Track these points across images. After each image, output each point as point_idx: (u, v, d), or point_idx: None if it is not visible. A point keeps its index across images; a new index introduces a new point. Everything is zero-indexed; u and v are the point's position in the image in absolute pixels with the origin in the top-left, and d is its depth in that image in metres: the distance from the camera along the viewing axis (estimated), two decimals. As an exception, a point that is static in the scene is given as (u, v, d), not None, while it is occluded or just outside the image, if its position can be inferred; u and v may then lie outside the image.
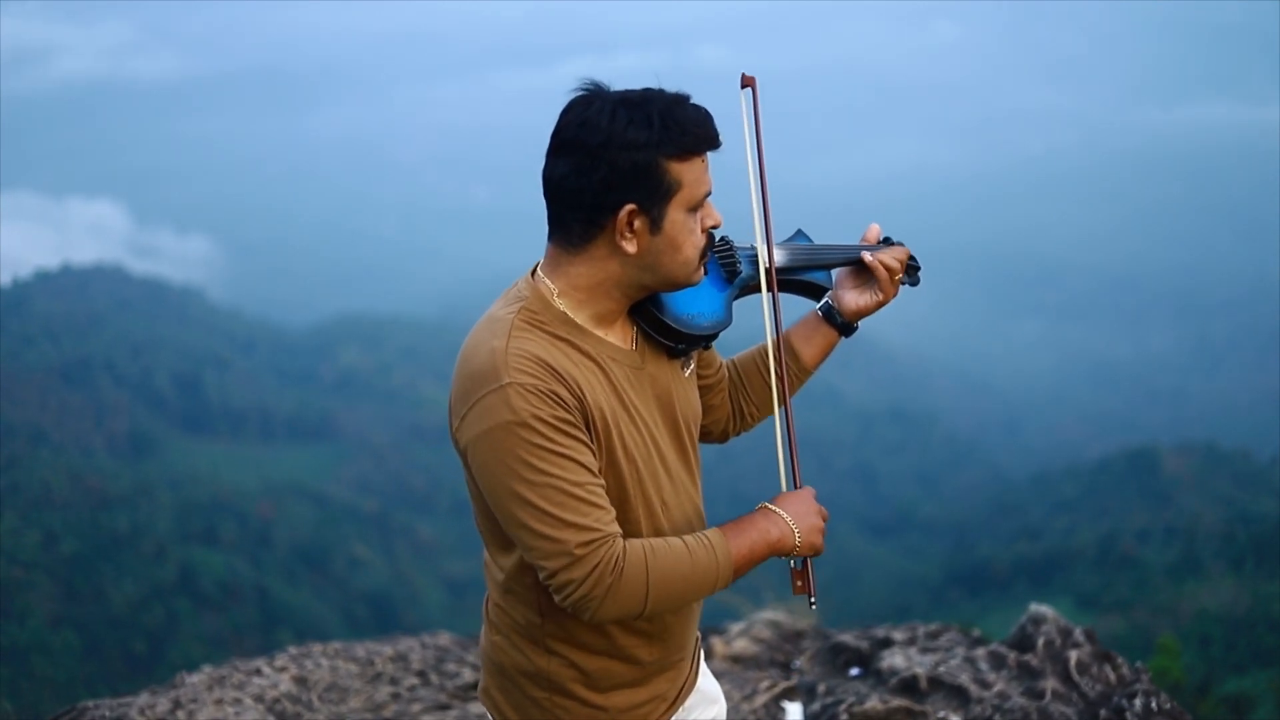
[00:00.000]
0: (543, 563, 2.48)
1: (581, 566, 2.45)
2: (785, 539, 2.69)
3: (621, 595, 2.48)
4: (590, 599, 2.46)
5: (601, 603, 2.47)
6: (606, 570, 2.45)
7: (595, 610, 2.48)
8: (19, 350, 71.54)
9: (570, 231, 2.60)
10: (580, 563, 2.44)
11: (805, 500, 2.77)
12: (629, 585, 2.48)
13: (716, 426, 3.16)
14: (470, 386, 2.53)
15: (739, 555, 2.63)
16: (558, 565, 2.46)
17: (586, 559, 2.45)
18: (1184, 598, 35.41)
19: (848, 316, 3.11)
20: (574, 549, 2.44)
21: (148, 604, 45.85)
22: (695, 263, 2.64)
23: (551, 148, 2.59)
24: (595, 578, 2.45)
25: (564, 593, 2.48)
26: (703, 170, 2.59)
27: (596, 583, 2.45)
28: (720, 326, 2.83)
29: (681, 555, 2.55)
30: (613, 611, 2.50)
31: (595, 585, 2.45)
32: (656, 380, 2.76)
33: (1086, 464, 67.91)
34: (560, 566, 2.45)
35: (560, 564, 2.45)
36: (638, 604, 2.51)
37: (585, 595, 2.46)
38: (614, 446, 2.60)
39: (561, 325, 2.61)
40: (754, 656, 6.24)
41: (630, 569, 2.48)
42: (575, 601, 2.48)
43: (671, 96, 2.55)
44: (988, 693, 5.18)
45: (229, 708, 5.52)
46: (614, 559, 2.46)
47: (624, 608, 2.50)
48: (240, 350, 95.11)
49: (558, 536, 2.44)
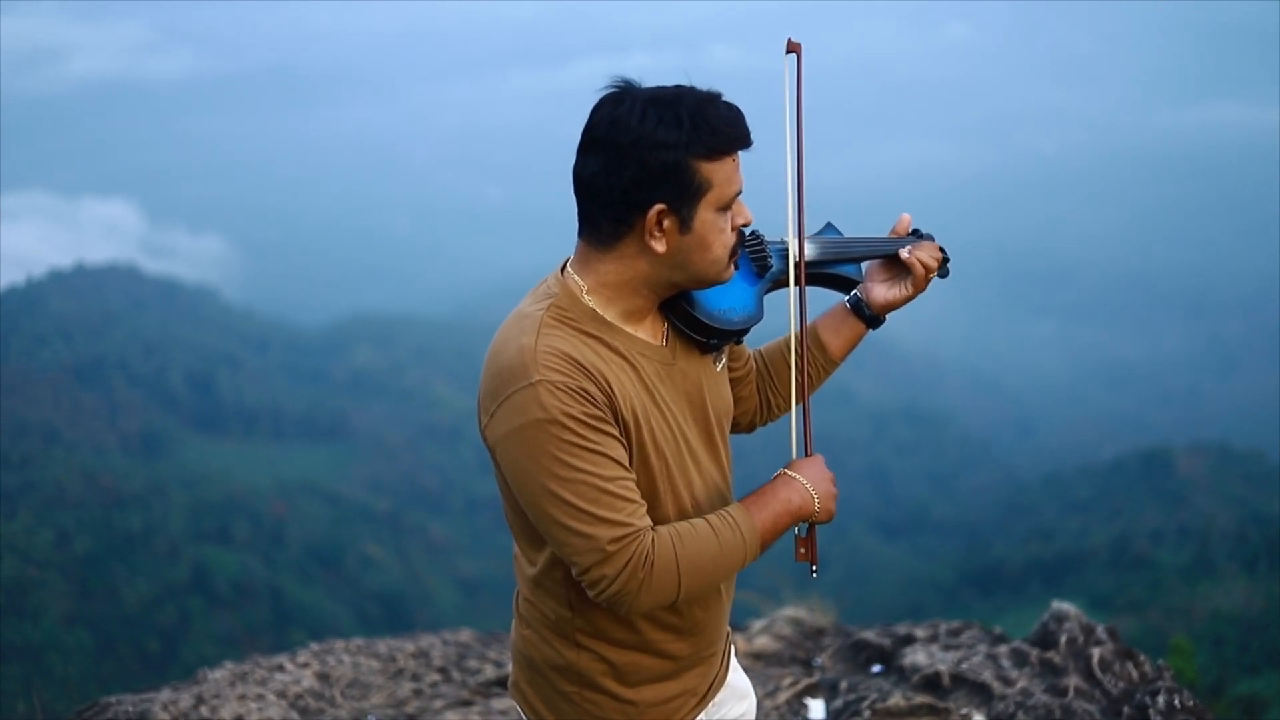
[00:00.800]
0: (575, 559, 2.48)
1: (614, 563, 2.45)
2: (806, 505, 2.70)
3: (655, 587, 2.48)
4: (625, 594, 2.47)
5: (637, 596, 2.48)
6: (639, 565, 2.45)
7: (631, 604, 2.49)
8: (32, 349, 71.67)
9: (600, 229, 2.59)
10: (613, 559, 2.45)
11: (819, 466, 2.78)
12: (661, 576, 2.48)
13: (744, 418, 3.15)
14: (499, 383, 2.52)
15: (764, 527, 2.63)
16: (591, 561, 2.46)
17: (619, 555, 2.45)
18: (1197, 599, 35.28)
19: (876, 309, 3.11)
20: (606, 545, 2.44)
21: (161, 603, 45.92)
22: (725, 261, 2.64)
23: (582, 145, 2.58)
24: (629, 573, 2.45)
25: (598, 588, 2.48)
26: (733, 170, 2.59)
27: (630, 577, 2.45)
28: (752, 321, 2.82)
29: (708, 537, 2.55)
30: (648, 603, 2.50)
31: (629, 580, 2.46)
32: (688, 376, 2.75)
33: (1099, 464, 67.82)
34: (593, 563, 2.46)
35: (593, 560, 2.45)
36: (671, 593, 2.51)
37: (620, 590, 2.46)
38: (644, 442, 2.60)
39: (590, 322, 2.61)
40: (775, 654, 6.24)
41: (661, 560, 2.48)
42: (610, 597, 2.48)
43: (703, 95, 2.55)
44: (1010, 690, 5.19)
45: (252, 703, 5.54)
46: (645, 553, 2.46)
47: (659, 598, 2.51)
48: (253, 350, 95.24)
49: (590, 533, 2.44)
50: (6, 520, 45.55)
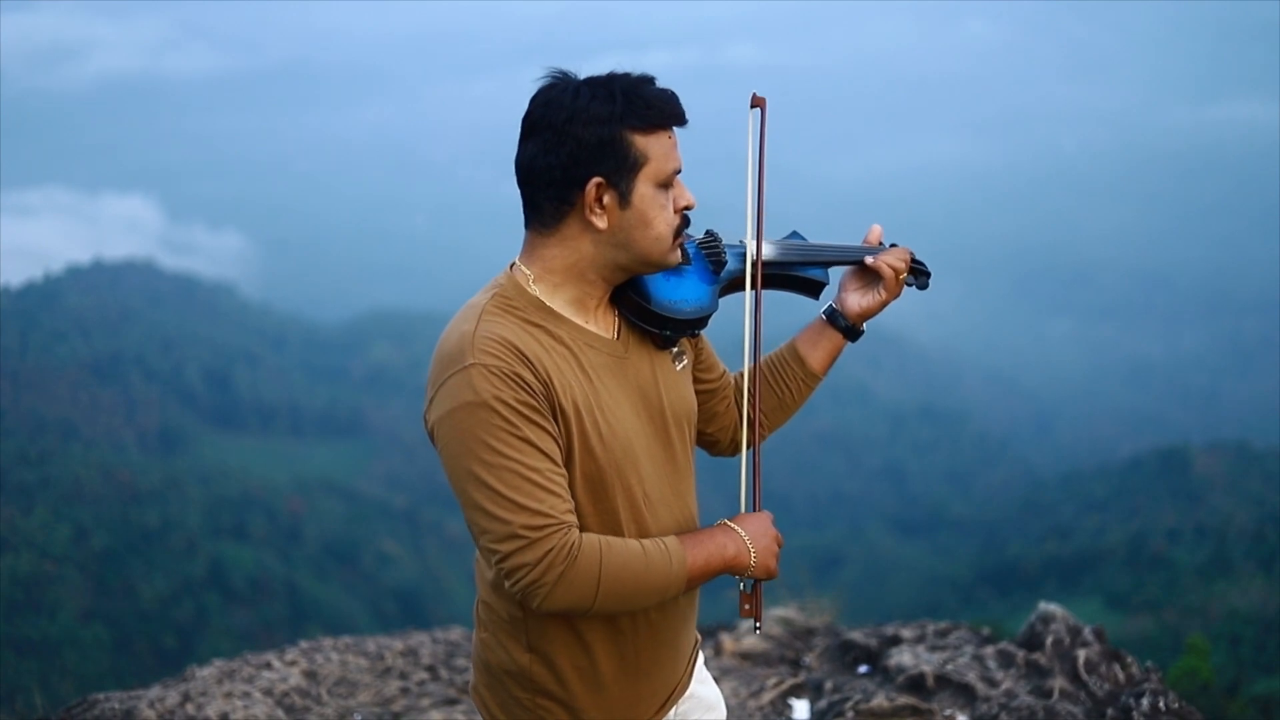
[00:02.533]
0: (494, 546, 2.45)
1: (533, 550, 2.42)
2: (741, 557, 2.67)
3: (571, 585, 2.44)
4: (540, 585, 2.43)
5: (551, 590, 2.44)
6: (559, 557, 2.42)
7: (544, 598, 2.45)
8: (51, 345, 71.90)
9: (543, 212, 2.60)
10: (531, 547, 2.42)
11: (763, 522, 2.74)
12: (580, 576, 2.44)
13: (724, 435, 3.12)
14: (438, 369, 2.53)
15: (694, 565, 2.60)
16: (509, 548, 2.43)
17: (538, 544, 2.42)
18: (1214, 598, 35.28)
19: (852, 319, 3.07)
20: (523, 530, 2.41)
21: (178, 598, 46.07)
22: (668, 240, 2.62)
23: (521, 134, 2.60)
24: (547, 563, 2.42)
25: (515, 578, 2.44)
26: (670, 146, 2.59)
27: (548, 569, 2.42)
28: (705, 313, 2.80)
29: (636, 555, 2.53)
30: (561, 601, 2.46)
31: (546, 571, 2.42)
32: (641, 371, 2.73)
33: (1117, 463, 67.73)
34: (512, 550, 2.42)
35: (512, 547, 2.42)
36: (587, 597, 2.47)
37: (535, 580, 2.43)
38: (586, 433, 2.57)
39: (535, 311, 2.60)
40: (764, 653, 6.22)
41: (583, 560, 2.45)
42: (525, 586, 2.44)
43: (636, 76, 2.56)
44: (995, 691, 5.17)
45: (238, 701, 5.53)
46: (567, 547, 2.43)
47: (572, 599, 2.46)
48: (271, 346, 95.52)
49: (508, 518, 2.42)
50: (24, 515, 45.73)
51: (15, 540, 43.32)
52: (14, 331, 70.99)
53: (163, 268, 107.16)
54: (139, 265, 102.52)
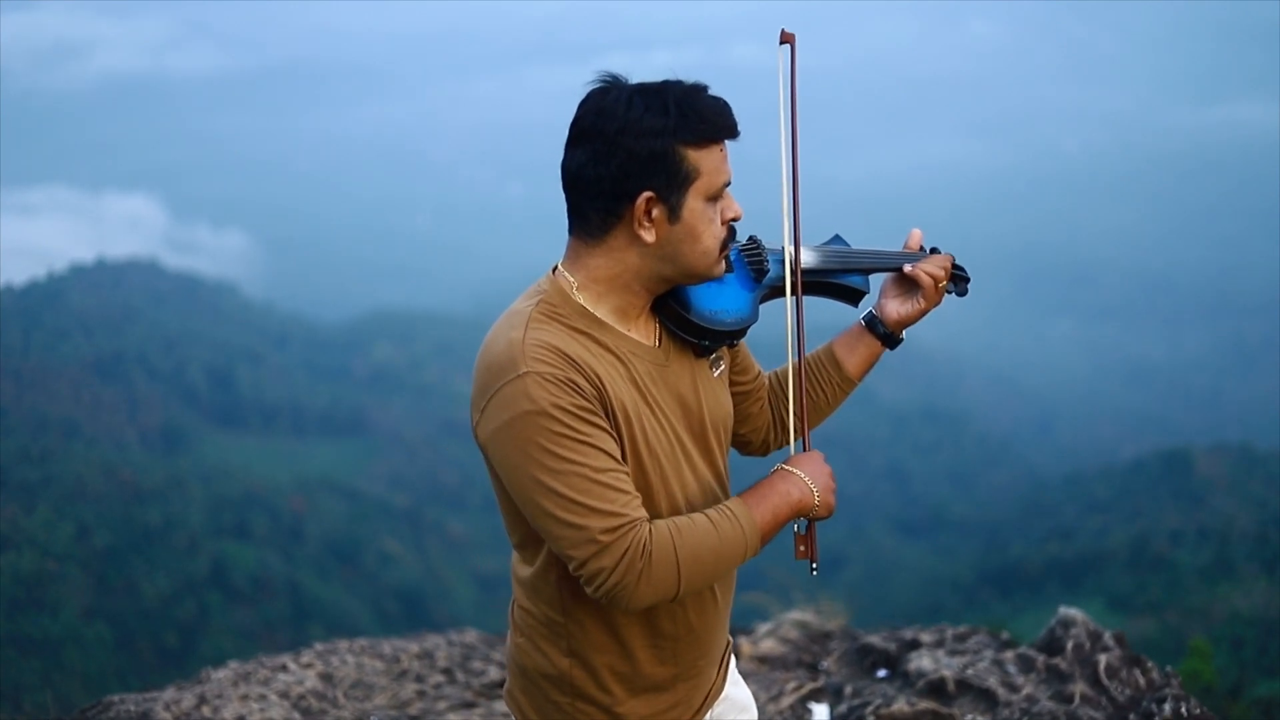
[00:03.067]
0: (570, 552, 2.45)
1: (610, 554, 2.41)
2: (805, 499, 2.67)
3: (654, 579, 2.44)
4: (623, 586, 2.43)
5: (635, 589, 2.44)
6: (636, 555, 2.42)
7: (630, 597, 2.45)
8: (53, 344, 71.90)
9: (589, 222, 2.58)
10: (608, 550, 2.41)
11: (817, 461, 2.76)
12: (660, 568, 2.44)
13: (756, 436, 3.13)
14: (488, 379, 2.51)
15: (764, 521, 2.60)
16: (586, 554, 2.42)
17: (615, 545, 2.41)
18: (1217, 600, 35.22)
19: (890, 326, 3.08)
20: (600, 535, 2.41)
21: (180, 597, 46.08)
22: (715, 254, 2.61)
23: (569, 138, 2.57)
24: (626, 564, 2.42)
25: (595, 582, 2.44)
26: (721, 159, 2.57)
27: (628, 569, 2.42)
28: (746, 323, 2.79)
29: (707, 530, 2.52)
30: (648, 596, 2.46)
31: (627, 571, 2.42)
32: (681, 378, 2.73)
33: (1120, 465, 67.66)
34: (589, 555, 2.42)
35: (588, 552, 2.42)
36: (671, 586, 2.47)
37: (618, 583, 2.42)
38: (635, 439, 2.58)
39: (580, 318, 2.59)
40: (781, 657, 6.21)
41: (659, 551, 2.44)
42: (609, 590, 2.44)
43: (689, 86, 2.54)
44: (1016, 696, 5.16)
45: (254, 704, 5.53)
46: (642, 543, 2.43)
47: (658, 591, 2.46)
48: (273, 345, 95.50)
49: (584, 524, 2.41)
50: (26, 514, 45.73)
51: (17, 538, 43.32)
52: (17, 330, 71.00)
53: (165, 267, 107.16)
54: (142, 264, 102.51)
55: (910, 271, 3.03)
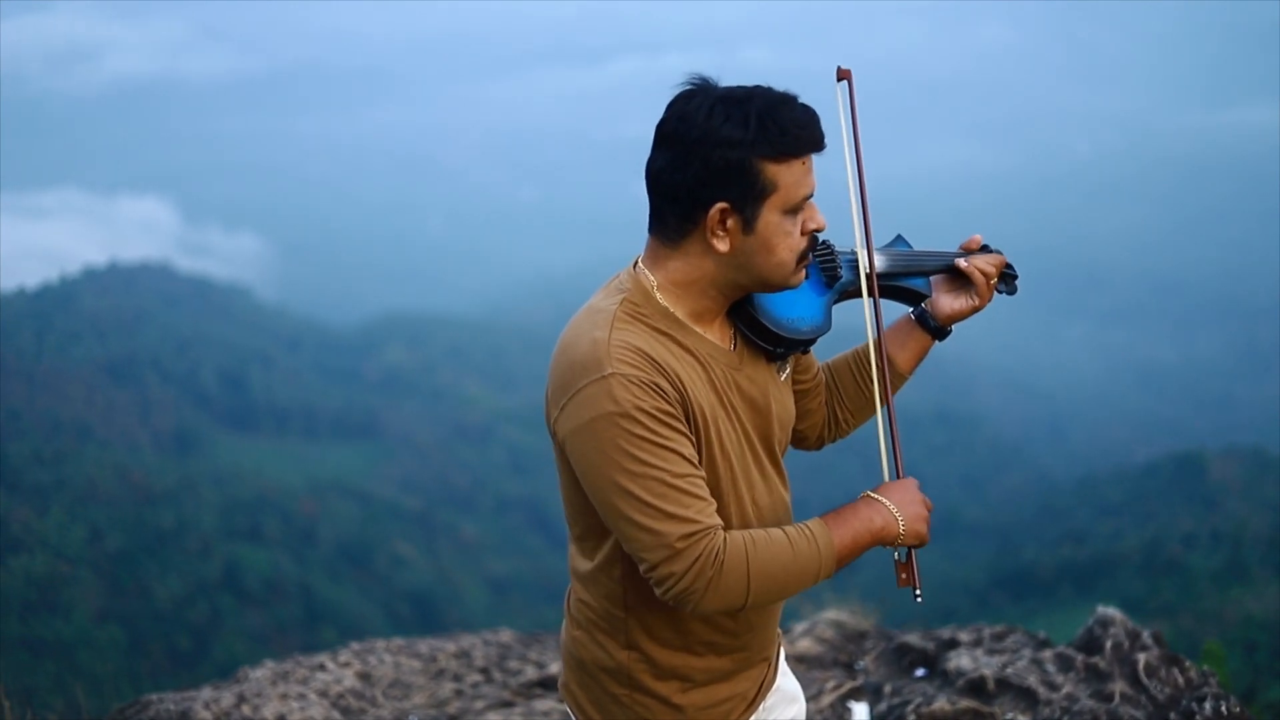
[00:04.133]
0: (644, 555, 2.46)
1: (683, 559, 2.42)
2: (889, 527, 2.67)
3: (723, 587, 2.45)
4: (692, 592, 2.44)
5: (704, 595, 2.44)
6: (708, 563, 2.43)
7: (698, 603, 2.45)
8: (66, 346, 72.04)
9: (667, 225, 2.58)
10: (681, 555, 2.42)
11: (909, 489, 2.75)
12: (730, 578, 2.45)
13: (812, 432, 3.14)
14: (571, 377, 2.51)
15: (842, 545, 2.60)
16: (659, 558, 2.43)
17: (687, 552, 2.42)
18: (1230, 603, 35.20)
19: (941, 320, 3.10)
20: (675, 541, 2.42)
21: (192, 600, 46.20)
22: (791, 265, 2.61)
23: (655, 139, 2.58)
24: (697, 570, 2.42)
25: (665, 585, 2.45)
26: (803, 173, 2.56)
27: (698, 575, 2.42)
28: (819, 332, 2.80)
29: (783, 546, 2.52)
30: (715, 604, 2.47)
31: (697, 578, 2.42)
32: (754, 382, 2.74)
33: (1133, 468, 67.56)
34: (661, 559, 2.43)
35: (661, 556, 2.43)
36: (739, 596, 2.48)
37: (687, 588, 2.43)
38: (712, 443, 2.59)
39: (663, 319, 2.59)
40: (818, 656, 6.21)
41: (731, 561, 2.45)
42: (677, 594, 2.45)
43: (777, 95, 2.53)
44: (1056, 695, 5.15)
45: (294, 702, 5.54)
46: (714, 551, 2.43)
47: (726, 600, 2.47)
48: (285, 348, 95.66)
49: (659, 529, 2.42)
50: (39, 516, 45.86)
51: (30, 541, 43.44)
52: (29, 333, 71.15)
53: (178, 270, 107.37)
54: (154, 267, 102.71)
55: (965, 267, 3.04)
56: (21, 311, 75.47)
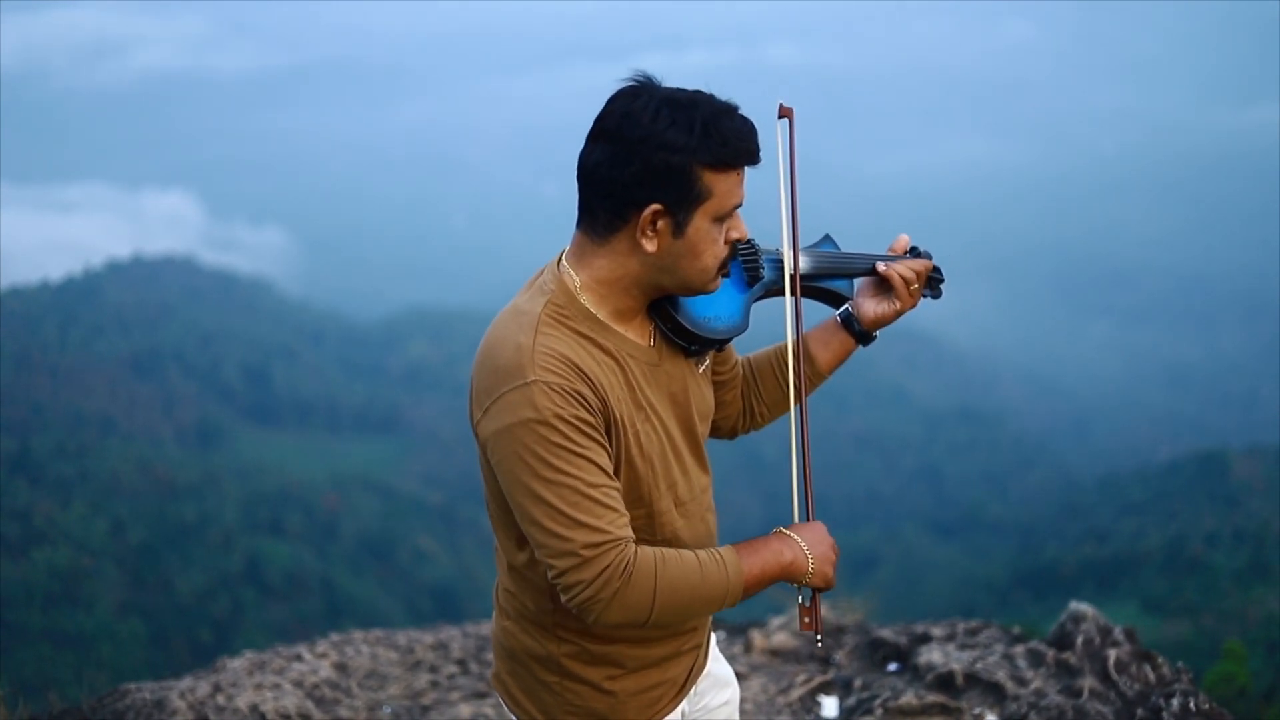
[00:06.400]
0: (552, 561, 2.47)
1: (590, 568, 2.44)
2: (798, 563, 2.67)
3: (629, 601, 2.46)
4: (596, 601, 2.45)
5: (608, 606, 2.46)
6: (615, 574, 2.44)
7: (601, 613, 2.47)
8: (89, 340, 72.31)
9: (596, 220, 2.59)
10: (589, 564, 2.44)
11: (819, 531, 2.75)
12: (635, 592, 2.46)
13: (726, 423, 3.15)
14: (495, 381, 2.52)
15: (750, 574, 2.60)
16: (566, 565, 2.45)
17: (596, 561, 2.44)
18: (1252, 603, 35.08)
19: (866, 325, 3.09)
20: (581, 549, 2.43)
21: (214, 593, 46.31)
22: (713, 272, 2.62)
23: (591, 133, 2.59)
24: (603, 580, 2.44)
25: (571, 593, 2.46)
26: (736, 183, 2.57)
27: (604, 585, 2.44)
28: (735, 331, 2.81)
29: (692, 568, 2.54)
30: (618, 616, 2.48)
31: (603, 588, 2.44)
32: (673, 377, 2.75)
33: (1155, 467, 67.42)
34: (569, 566, 2.45)
35: (569, 564, 2.44)
36: (643, 612, 2.49)
37: (592, 598, 2.45)
38: (631, 446, 2.60)
39: (585, 322, 2.61)
40: (793, 650, 6.22)
41: (639, 576, 2.46)
42: (581, 603, 2.46)
43: (720, 105, 2.53)
44: (1024, 690, 5.16)
45: (268, 692, 5.56)
46: (623, 564, 2.45)
47: (629, 614, 2.49)
48: (309, 342, 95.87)
49: (569, 535, 2.44)
50: (62, 509, 46.02)
51: (53, 534, 43.61)
52: (54, 326, 71.49)
53: (202, 264, 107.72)
54: (178, 261, 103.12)
55: (883, 271, 3.04)
56: (46, 305, 75.85)
